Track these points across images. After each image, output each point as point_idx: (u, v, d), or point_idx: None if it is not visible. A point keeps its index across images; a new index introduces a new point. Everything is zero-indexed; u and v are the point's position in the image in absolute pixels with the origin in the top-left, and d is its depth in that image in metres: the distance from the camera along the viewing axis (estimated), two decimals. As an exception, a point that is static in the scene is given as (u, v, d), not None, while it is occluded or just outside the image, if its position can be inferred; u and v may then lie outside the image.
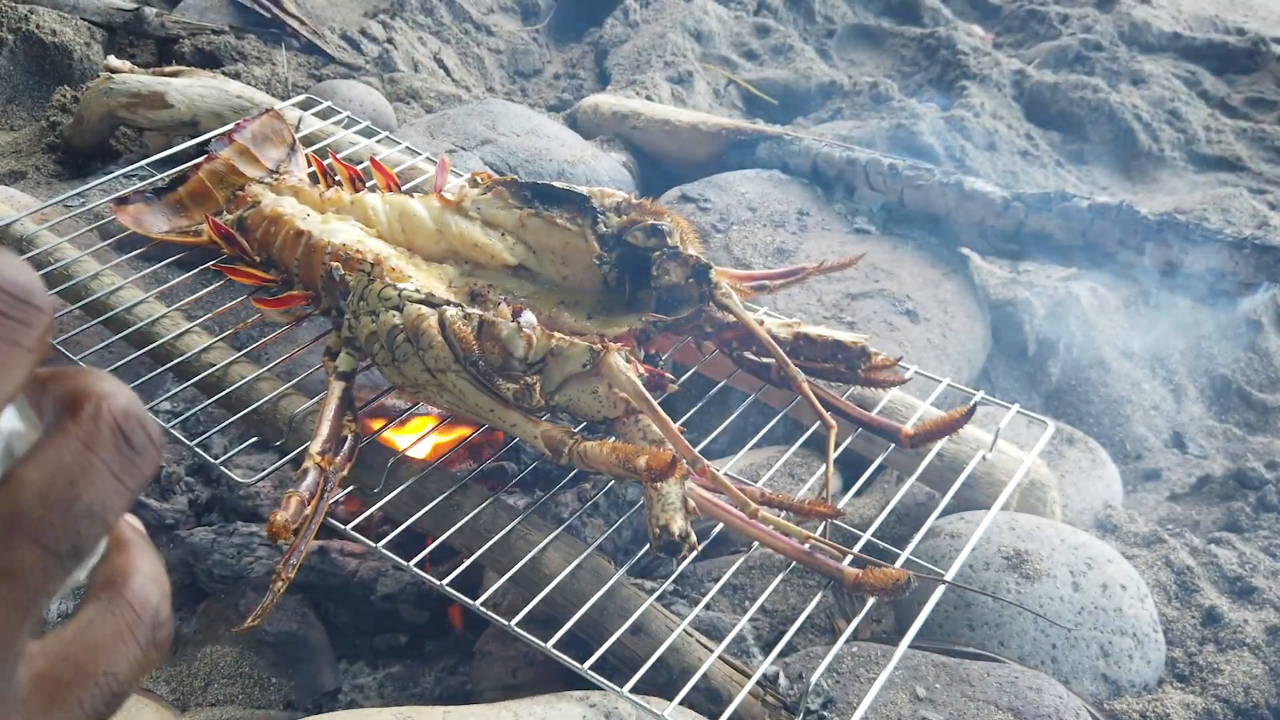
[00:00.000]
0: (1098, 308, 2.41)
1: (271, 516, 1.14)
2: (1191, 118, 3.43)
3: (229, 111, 2.18)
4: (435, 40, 3.39)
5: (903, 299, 2.10)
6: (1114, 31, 3.85)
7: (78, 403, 0.35)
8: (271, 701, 1.45)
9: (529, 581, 1.21)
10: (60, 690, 0.35)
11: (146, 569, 0.39)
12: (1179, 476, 2.14)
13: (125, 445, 0.36)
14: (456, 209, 1.49)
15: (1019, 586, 1.42)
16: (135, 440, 0.36)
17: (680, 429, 1.15)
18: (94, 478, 0.35)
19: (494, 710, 1.13)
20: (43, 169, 2.46)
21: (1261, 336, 2.51)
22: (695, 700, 1.15)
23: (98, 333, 1.52)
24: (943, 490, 1.37)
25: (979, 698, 1.25)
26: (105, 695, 0.36)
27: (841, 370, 1.41)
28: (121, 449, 0.36)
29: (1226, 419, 2.38)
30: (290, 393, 1.42)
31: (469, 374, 1.20)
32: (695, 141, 2.63)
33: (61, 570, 0.35)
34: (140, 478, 0.36)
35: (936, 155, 2.96)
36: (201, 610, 1.54)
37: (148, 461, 0.37)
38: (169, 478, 1.78)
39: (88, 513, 0.35)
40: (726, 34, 3.67)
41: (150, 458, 0.37)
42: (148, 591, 0.38)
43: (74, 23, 2.87)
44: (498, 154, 2.38)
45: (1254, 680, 1.48)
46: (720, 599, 1.55)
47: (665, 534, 1.08)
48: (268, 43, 3.06)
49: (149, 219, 1.68)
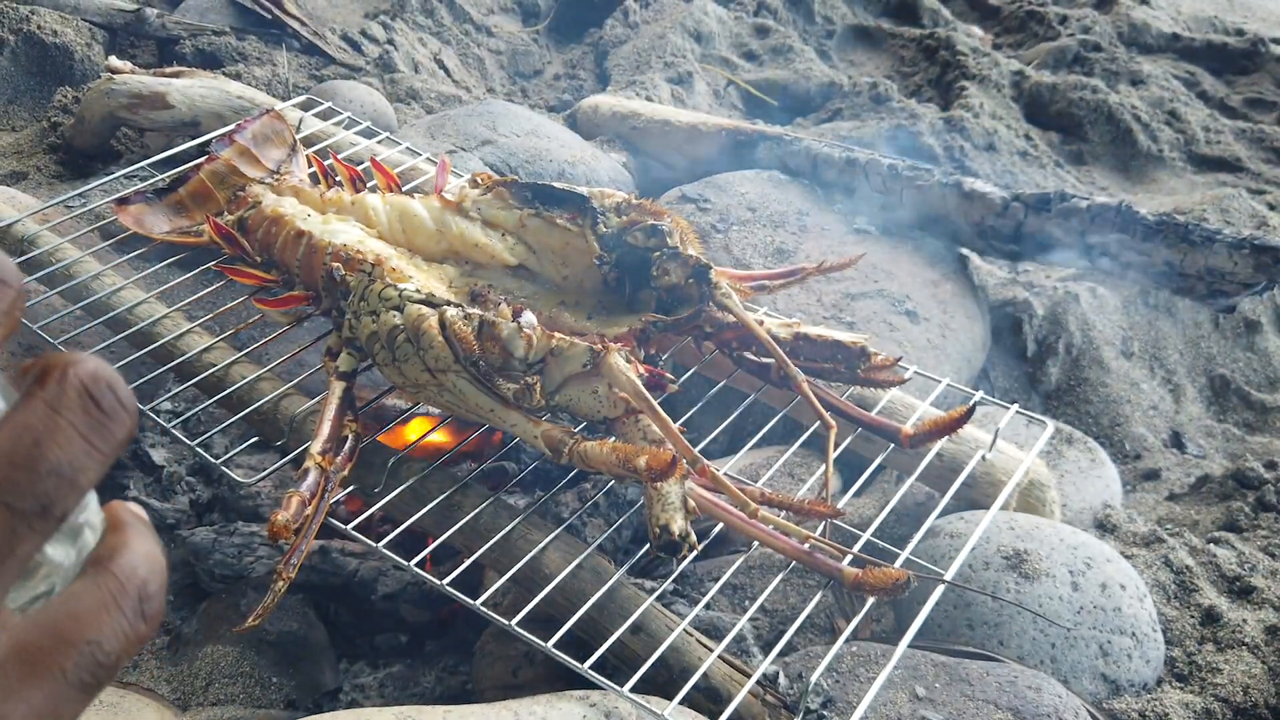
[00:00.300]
0: (1097, 308, 2.41)
1: (272, 516, 1.15)
2: (1190, 118, 3.44)
3: (230, 112, 2.19)
4: (436, 41, 3.39)
5: (902, 299, 2.11)
6: (1113, 32, 3.85)
7: (47, 372, 0.36)
8: (272, 701, 1.45)
9: (529, 581, 1.21)
10: (41, 659, 0.35)
11: (139, 547, 0.39)
12: (1178, 476, 2.14)
13: (93, 407, 0.36)
14: (457, 209, 1.49)
15: (1018, 586, 1.43)
16: (104, 402, 0.36)
17: (680, 429, 1.15)
18: (60, 438, 0.35)
19: (494, 710, 1.13)
20: (44, 169, 2.46)
21: (1260, 336, 2.51)
22: (695, 699, 1.15)
23: (99, 333, 1.52)
24: (942, 490, 1.38)
25: (978, 697, 1.25)
26: (89, 665, 0.36)
27: (841, 370, 1.42)
28: (89, 410, 0.36)
29: (1225, 419, 2.38)
30: (291, 393, 1.42)
31: (469, 374, 1.20)
32: (695, 142, 2.64)
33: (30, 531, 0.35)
34: (112, 440, 0.37)
35: (936, 155, 2.97)
36: (202, 610, 1.54)
37: (119, 424, 0.37)
38: (170, 478, 1.78)
39: (54, 472, 0.35)
40: (726, 35, 3.67)
41: (121, 420, 0.37)
42: (135, 564, 0.38)
43: (75, 24, 2.87)
44: (498, 154, 2.39)
45: (1253, 680, 1.48)
46: (720, 599, 1.55)
47: (665, 534, 1.08)
48: (268, 44, 3.06)
49: (150, 219, 1.69)
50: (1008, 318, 2.35)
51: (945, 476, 1.45)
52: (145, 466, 1.80)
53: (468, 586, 1.20)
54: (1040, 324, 2.35)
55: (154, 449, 1.81)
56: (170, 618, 1.59)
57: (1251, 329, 2.52)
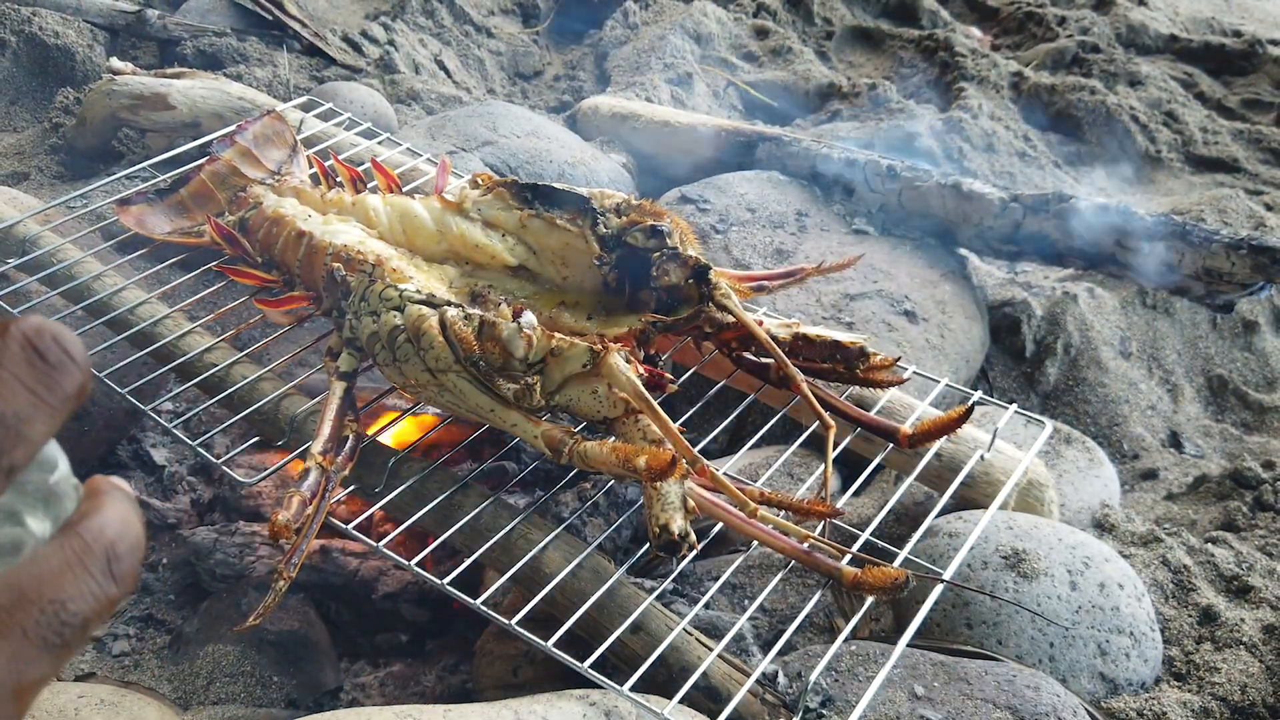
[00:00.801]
0: (1095, 308, 2.42)
1: (273, 516, 1.15)
2: (1188, 119, 3.44)
3: (231, 113, 2.19)
4: (436, 42, 3.40)
5: (901, 299, 2.11)
6: (1111, 33, 3.86)
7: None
8: (273, 700, 1.45)
9: (529, 580, 1.22)
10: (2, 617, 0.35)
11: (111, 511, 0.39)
12: (1176, 476, 2.15)
13: (38, 359, 0.37)
14: (457, 210, 1.50)
15: (1017, 585, 1.43)
16: (50, 355, 0.37)
17: (680, 429, 1.15)
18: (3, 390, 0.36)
19: (494, 709, 1.14)
20: (46, 170, 2.47)
21: (1258, 337, 2.52)
22: (695, 698, 1.16)
23: (100, 333, 1.53)
24: (941, 490, 1.38)
25: (977, 696, 1.26)
26: (54, 624, 0.36)
27: (840, 370, 1.42)
28: (34, 363, 0.37)
29: (1223, 419, 2.39)
30: (292, 393, 1.43)
31: (470, 374, 1.20)
32: (694, 143, 2.64)
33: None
34: (60, 391, 0.37)
35: (935, 156, 2.97)
36: (203, 609, 1.55)
37: (66, 375, 0.37)
38: (171, 477, 1.79)
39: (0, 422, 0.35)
40: (726, 36, 3.68)
41: (70, 372, 0.37)
42: (104, 525, 0.38)
43: (76, 25, 2.88)
44: (498, 155, 2.39)
45: (1250, 679, 1.49)
46: (719, 598, 1.55)
47: (665, 533, 1.09)
48: (269, 45, 3.07)
49: (151, 220, 1.69)
50: (1006, 318, 2.35)
51: (944, 476, 1.45)
52: (146, 466, 1.81)
53: (468, 586, 1.20)
54: (1039, 324, 2.35)
55: (155, 449, 1.82)
56: (171, 617, 1.60)
57: (1249, 329, 2.52)
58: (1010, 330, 2.35)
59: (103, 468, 1.77)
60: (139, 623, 1.58)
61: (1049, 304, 2.38)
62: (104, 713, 1.24)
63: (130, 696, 1.29)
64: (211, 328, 1.55)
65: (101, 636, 1.55)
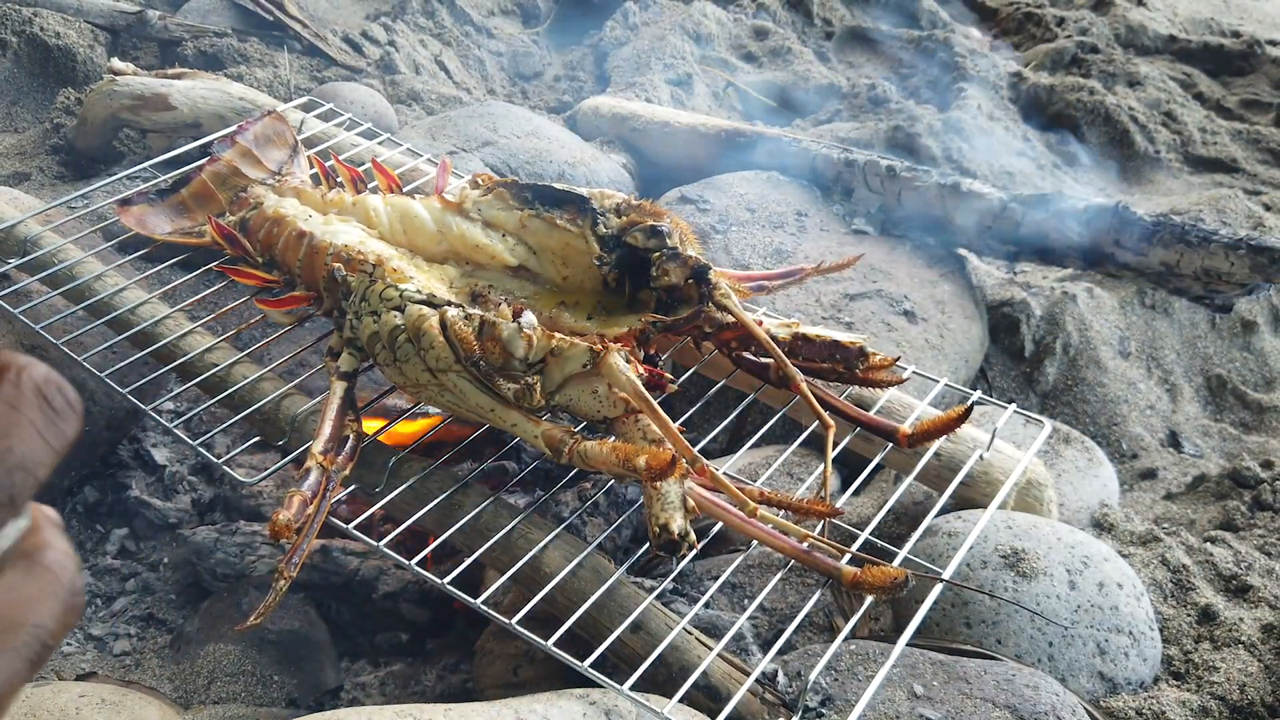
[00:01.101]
0: (1094, 308, 2.42)
1: (274, 515, 1.15)
2: (1187, 119, 3.45)
3: (231, 113, 2.19)
4: (436, 43, 3.40)
5: (900, 299, 2.11)
6: (1110, 34, 3.86)
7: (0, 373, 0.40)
8: (274, 699, 1.46)
9: (529, 580, 1.22)
10: None
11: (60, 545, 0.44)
12: (1175, 475, 2.15)
13: (47, 407, 0.41)
14: (457, 210, 1.50)
15: (1016, 585, 1.43)
16: (55, 403, 0.41)
17: (680, 429, 1.16)
18: (23, 434, 0.40)
19: (495, 708, 1.14)
20: (47, 171, 2.47)
21: (1256, 336, 2.52)
22: (695, 698, 1.16)
23: (101, 333, 1.53)
24: (940, 489, 1.38)
25: (976, 695, 1.26)
26: (37, 645, 0.40)
27: (840, 370, 1.42)
28: (44, 410, 0.41)
29: (1222, 418, 2.39)
30: (292, 393, 1.43)
31: (470, 374, 1.21)
32: (694, 143, 2.65)
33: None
34: (63, 438, 0.41)
35: (934, 157, 2.98)
36: (204, 609, 1.55)
37: (68, 423, 0.42)
38: (172, 477, 1.79)
39: (20, 465, 0.40)
40: (725, 36, 3.68)
41: (70, 420, 0.42)
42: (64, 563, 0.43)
43: (77, 25, 2.88)
44: (498, 155, 2.39)
45: (1249, 678, 1.49)
46: (719, 597, 1.56)
47: (665, 533, 1.09)
48: (270, 45, 3.07)
49: (152, 220, 1.70)
50: (1005, 318, 2.36)
51: (943, 476, 1.46)
52: (147, 466, 1.81)
53: (468, 585, 1.20)
54: (1038, 324, 2.36)
55: (156, 449, 1.82)
56: (172, 616, 1.60)
57: (1248, 329, 2.53)
58: (1009, 330, 2.35)
59: (104, 467, 1.78)
60: (140, 622, 1.59)
61: (1048, 304, 2.39)
62: (105, 712, 1.24)
63: (131, 696, 1.30)
64: (212, 328, 1.55)
65: (102, 636, 1.56)
